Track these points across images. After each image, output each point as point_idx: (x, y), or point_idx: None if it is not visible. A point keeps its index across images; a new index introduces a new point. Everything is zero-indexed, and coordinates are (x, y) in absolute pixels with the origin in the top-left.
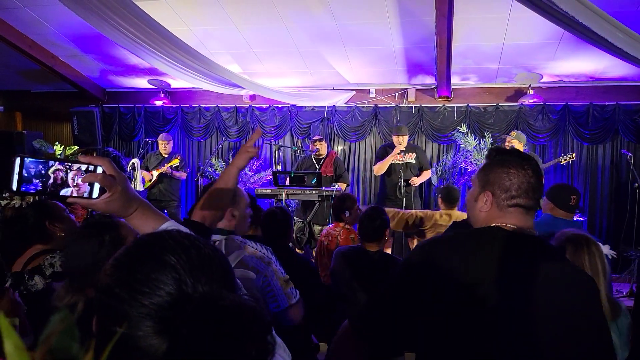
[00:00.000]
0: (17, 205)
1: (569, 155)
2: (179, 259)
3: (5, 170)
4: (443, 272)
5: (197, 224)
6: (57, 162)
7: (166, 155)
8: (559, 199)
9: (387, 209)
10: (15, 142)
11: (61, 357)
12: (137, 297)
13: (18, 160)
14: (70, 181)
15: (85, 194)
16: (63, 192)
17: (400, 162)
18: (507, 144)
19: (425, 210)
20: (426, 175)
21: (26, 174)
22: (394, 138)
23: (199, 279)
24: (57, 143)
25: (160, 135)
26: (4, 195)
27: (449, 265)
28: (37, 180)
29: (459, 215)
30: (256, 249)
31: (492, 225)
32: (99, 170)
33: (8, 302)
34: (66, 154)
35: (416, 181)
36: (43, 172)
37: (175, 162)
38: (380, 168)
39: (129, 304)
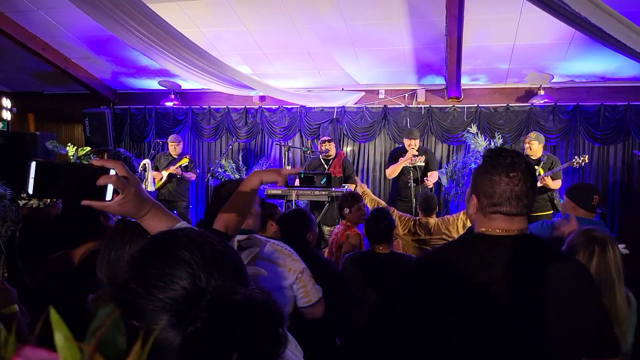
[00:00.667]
0: (34, 206)
1: (582, 158)
2: (192, 255)
3: (20, 170)
4: (444, 281)
5: (220, 233)
6: None
7: (176, 156)
8: (580, 198)
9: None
10: (29, 143)
11: (108, 349)
12: (152, 292)
13: (34, 164)
14: None
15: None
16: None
17: (410, 165)
18: (526, 144)
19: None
20: (435, 176)
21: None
22: (406, 141)
23: (212, 274)
24: (69, 144)
25: (171, 136)
26: (22, 195)
27: (449, 273)
28: None
29: (433, 222)
30: (282, 247)
31: (478, 232)
32: (112, 172)
33: (7, 291)
34: (78, 155)
35: (430, 183)
36: None
37: (184, 161)
38: (393, 171)
39: (145, 298)
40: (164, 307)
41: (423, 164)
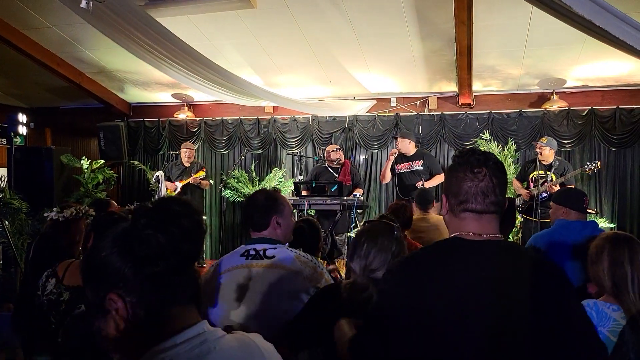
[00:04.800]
0: (54, 218)
1: (594, 165)
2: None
3: (36, 183)
4: (414, 294)
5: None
6: None
7: (187, 165)
8: (572, 202)
9: None
10: (44, 157)
11: None
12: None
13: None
14: None
15: None
16: None
17: (407, 170)
18: (537, 149)
19: None
20: (438, 179)
21: None
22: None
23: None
24: (84, 157)
25: (184, 143)
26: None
27: (418, 284)
28: None
29: (436, 218)
30: (307, 259)
31: (452, 236)
32: None
33: None
34: (92, 168)
35: (426, 184)
36: None
37: (201, 174)
38: (383, 175)
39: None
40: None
41: (421, 168)
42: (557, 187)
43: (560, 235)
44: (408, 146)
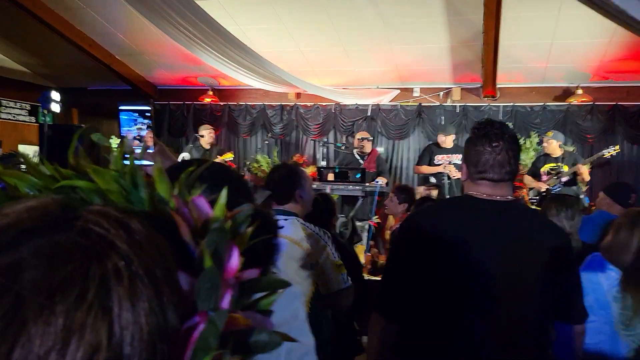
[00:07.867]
0: None
1: (613, 149)
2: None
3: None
4: (428, 239)
5: None
6: None
7: (207, 147)
8: (618, 195)
9: None
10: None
11: None
12: None
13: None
14: None
15: None
16: None
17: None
18: (544, 143)
19: None
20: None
21: None
22: (439, 137)
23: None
24: (113, 136)
25: (202, 126)
26: None
27: (433, 231)
28: None
29: None
30: (313, 231)
31: (465, 194)
32: None
33: None
34: None
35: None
36: None
37: (230, 155)
38: (422, 170)
39: None
40: None
41: (459, 162)
42: (584, 168)
43: (596, 229)
44: None
